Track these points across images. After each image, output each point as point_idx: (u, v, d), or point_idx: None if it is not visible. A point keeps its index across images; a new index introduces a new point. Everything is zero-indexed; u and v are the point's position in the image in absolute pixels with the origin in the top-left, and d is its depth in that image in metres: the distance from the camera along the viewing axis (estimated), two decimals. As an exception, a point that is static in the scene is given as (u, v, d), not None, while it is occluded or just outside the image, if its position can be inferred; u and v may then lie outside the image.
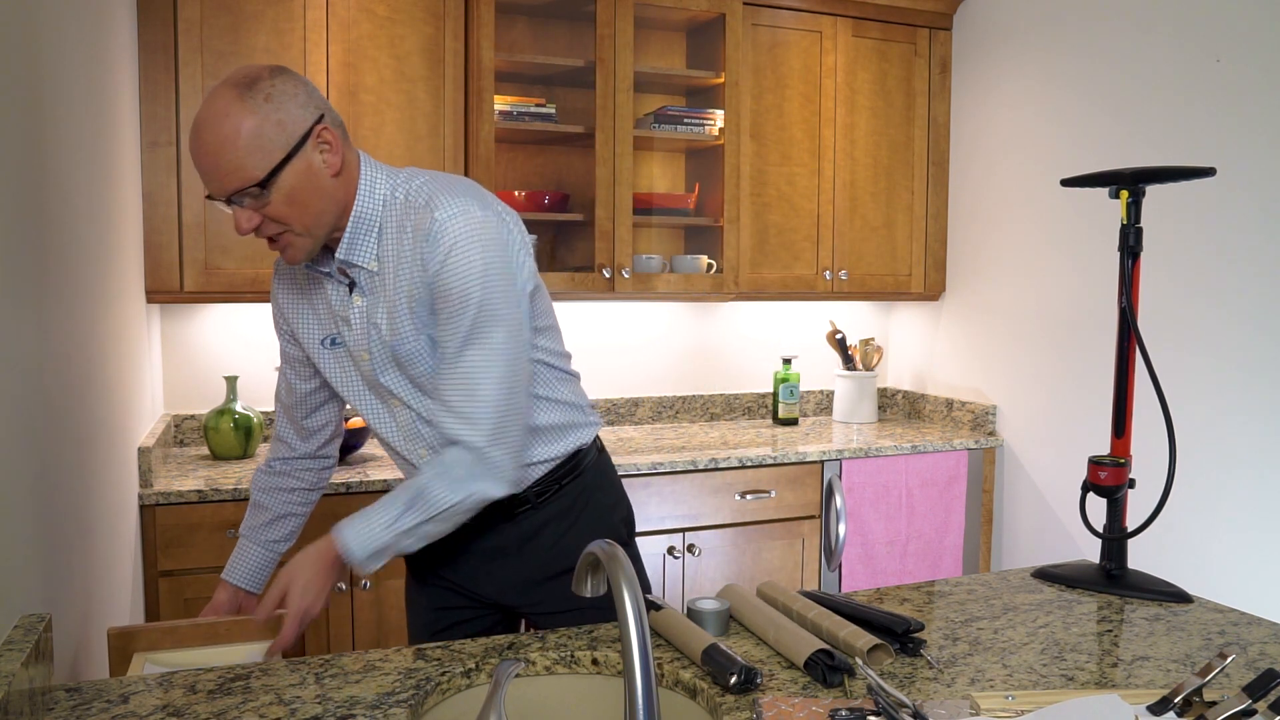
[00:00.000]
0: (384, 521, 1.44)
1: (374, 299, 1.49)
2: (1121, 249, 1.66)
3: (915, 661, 1.31)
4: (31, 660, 1.10)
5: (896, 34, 3.43)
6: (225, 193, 1.37)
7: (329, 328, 1.57)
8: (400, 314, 1.47)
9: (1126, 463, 1.66)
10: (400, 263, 1.45)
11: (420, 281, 1.44)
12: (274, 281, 1.64)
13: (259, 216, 1.39)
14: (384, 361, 1.52)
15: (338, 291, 1.53)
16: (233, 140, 1.33)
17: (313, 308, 1.58)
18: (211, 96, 1.36)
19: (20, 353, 1.25)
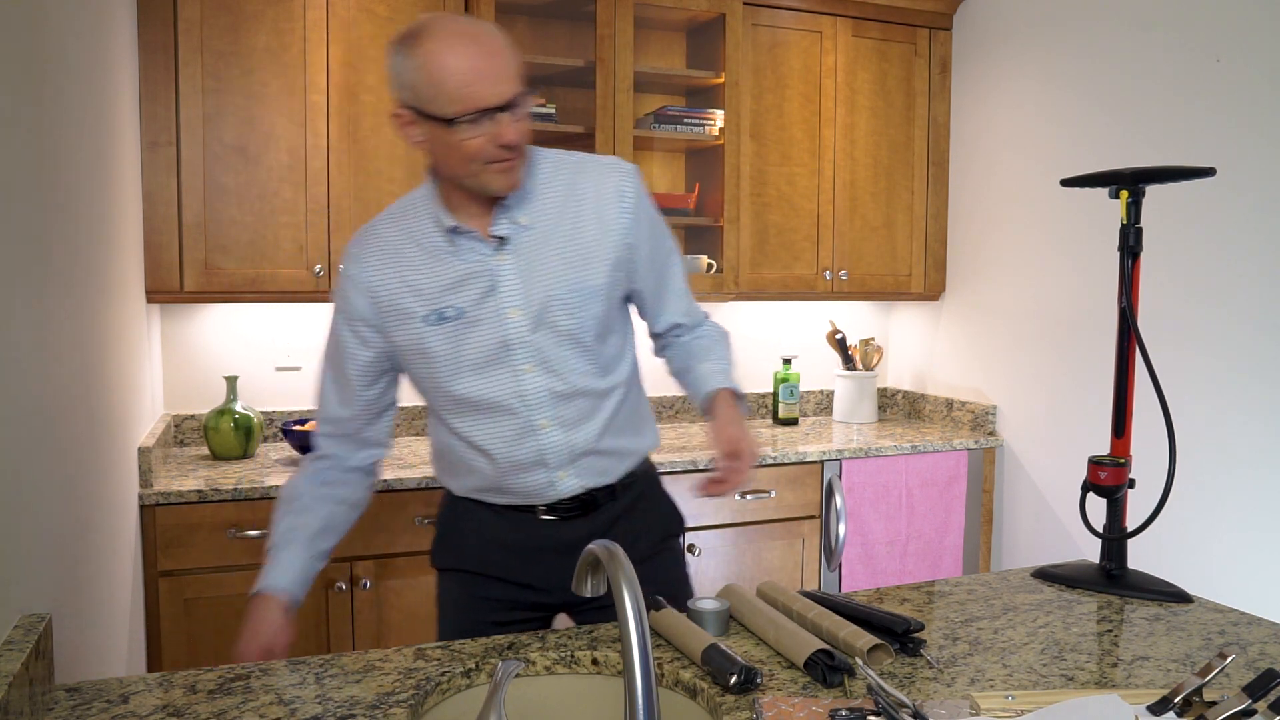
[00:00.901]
0: (724, 364, 1.65)
1: (525, 256, 1.50)
2: (1121, 249, 1.66)
3: (915, 661, 1.31)
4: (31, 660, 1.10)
5: (896, 34, 3.43)
6: (510, 95, 1.38)
7: (442, 301, 1.51)
8: (579, 262, 1.52)
9: (1126, 463, 1.66)
10: (577, 218, 1.53)
11: (611, 227, 1.54)
12: (351, 281, 1.55)
13: (515, 131, 1.41)
14: (534, 318, 1.50)
15: (477, 252, 1.50)
16: (507, 47, 1.40)
17: (414, 289, 1.51)
18: (452, 19, 1.39)
19: (20, 353, 1.25)
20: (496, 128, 1.39)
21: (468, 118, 1.37)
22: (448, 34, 1.36)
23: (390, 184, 2.84)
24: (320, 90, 2.75)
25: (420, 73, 1.37)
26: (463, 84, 1.35)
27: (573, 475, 1.57)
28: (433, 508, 2.61)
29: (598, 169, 1.56)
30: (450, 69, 1.35)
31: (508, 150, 1.41)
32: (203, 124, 2.66)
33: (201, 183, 2.67)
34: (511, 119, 1.39)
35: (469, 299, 1.50)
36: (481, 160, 1.41)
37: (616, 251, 1.54)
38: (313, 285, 2.78)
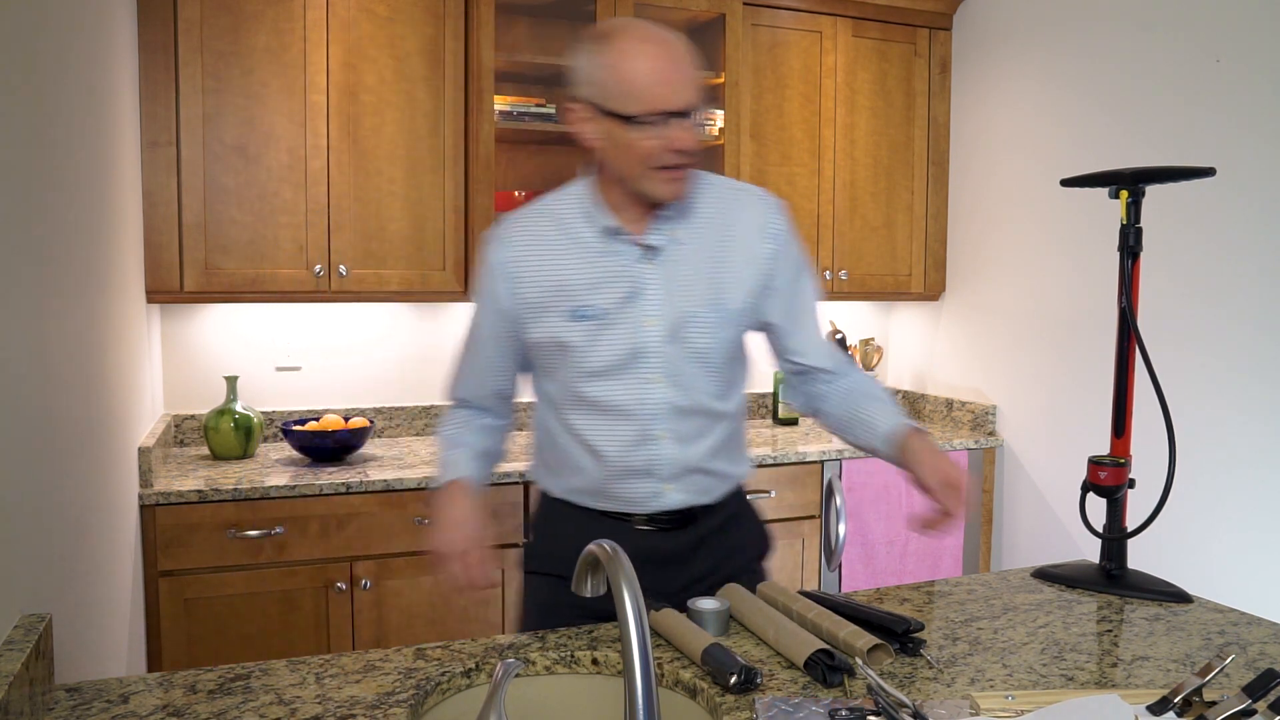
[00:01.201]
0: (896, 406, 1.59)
1: (672, 268, 1.52)
2: (1121, 249, 1.66)
3: (915, 661, 1.31)
4: (31, 660, 1.10)
5: (896, 34, 3.43)
6: (690, 102, 1.42)
7: (585, 299, 1.51)
8: (722, 284, 1.54)
9: (1126, 463, 1.66)
10: (725, 242, 1.55)
11: (752, 258, 1.56)
12: (494, 269, 1.56)
13: (691, 139, 1.44)
14: (670, 330, 1.52)
15: (626, 256, 1.52)
16: (691, 57, 1.44)
17: (558, 283, 1.52)
18: (644, 25, 1.44)
19: (20, 353, 1.25)
20: (672, 132, 1.42)
21: (649, 118, 1.41)
22: (639, 37, 1.42)
23: (390, 184, 2.84)
24: (320, 90, 2.75)
25: (608, 70, 1.42)
26: (649, 85, 1.40)
27: (677, 490, 1.58)
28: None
29: (750, 198, 1.60)
30: (639, 69, 1.40)
31: (679, 156, 1.44)
32: (203, 124, 2.66)
33: (201, 183, 2.67)
34: (687, 126, 1.43)
35: (611, 301, 1.51)
36: (653, 163, 1.44)
37: (757, 280, 1.57)
38: (313, 285, 2.78)
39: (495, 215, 2.94)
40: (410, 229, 2.88)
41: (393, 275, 2.86)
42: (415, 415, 3.21)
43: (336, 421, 2.83)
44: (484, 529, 1.52)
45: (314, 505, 2.51)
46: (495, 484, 2.66)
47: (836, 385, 1.63)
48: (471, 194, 2.90)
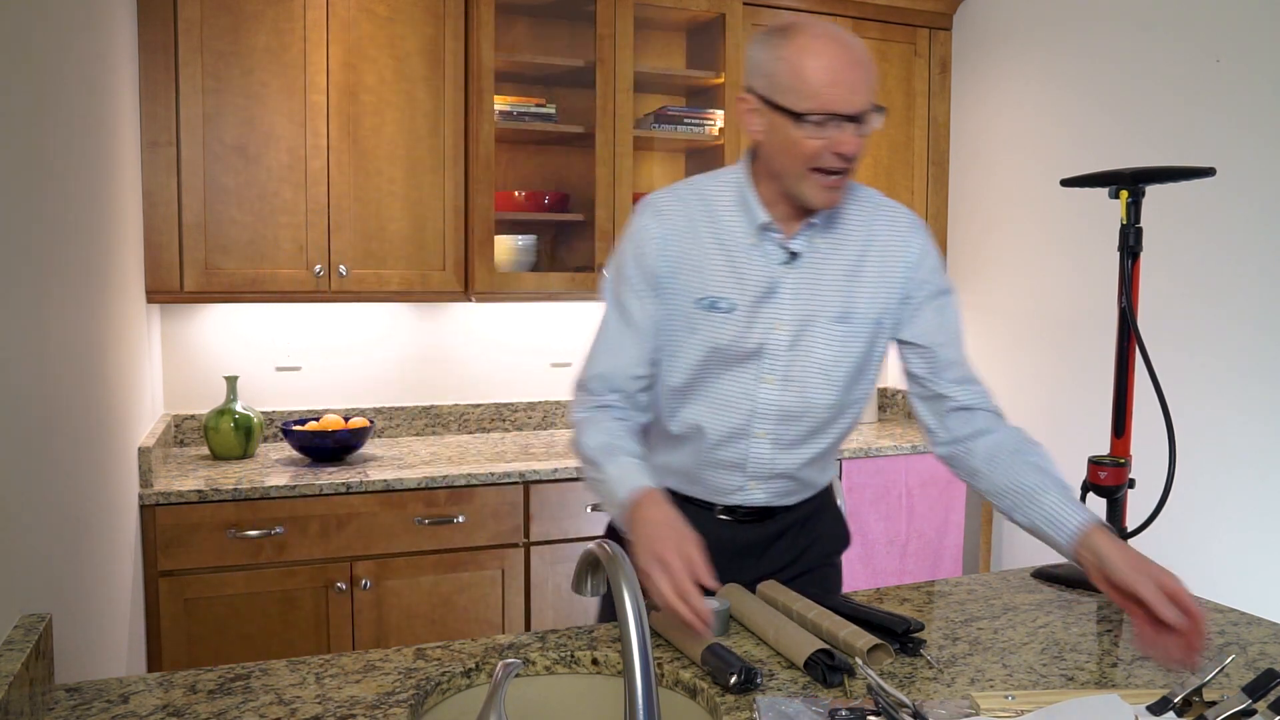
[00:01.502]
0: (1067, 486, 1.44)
1: (808, 275, 1.51)
2: (1121, 249, 1.66)
3: (915, 661, 1.31)
4: (31, 660, 1.10)
5: (896, 34, 3.43)
6: (861, 108, 1.39)
7: (721, 289, 1.51)
8: (853, 298, 1.52)
9: (1126, 463, 1.66)
10: (863, 257, 1.52)
11: (887, 278, 1.53)
12: (656, 230, 1.53)
13: (856, 145, 1.41)
14: (795, 335, 1.51)
15: (770, 256, 1.50)
16: (870, 63, 1.41)
17: (699, 269, 1.51)
18: (826, 24, 1.41)
19: (20, 353, 1.25)
20: (839, 135, 1.39)
21: (816, 118, 1.38)
22: (820, 35, 1.39)
23: (390, 184, 2.84)
24: (320, 90, 2.75)
25: (784, 64, 1.40)
26: (822, 84, 1.37)
27: (762, 489, 1.60)
28: (433, 508, 2.61)
29: (892, 214, 1.57)
30: (814, 67, 1.38)
31: (840, 161, 1.41)
32: (203, 124, 2.66)
33: (201, 183, 2.67)
34: (854, 132, 1.40)
35: (746, 297, 1.50)
36: (813, 164, 1.41)
37: (890, 298, 1.54)
38: (313, 285, 2.78)
39: (495, 215, 2.95)
40: (410, 229, 2.88)
41: (393, 275, 2.86)
42: (415, 415, 3.21)
43: (336, 421, 2.83)
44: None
45: (314, 505, 2.51)
46: (495, 484, 2.67)
47: (987, 440, 1.52)
48: (471, 194, 2.90)
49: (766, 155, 1.48)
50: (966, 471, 1.55)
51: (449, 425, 3.25)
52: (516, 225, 3.18)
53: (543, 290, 3.01)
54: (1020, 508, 1.43)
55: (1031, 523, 1.42)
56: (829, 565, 1.71)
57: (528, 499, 2.71)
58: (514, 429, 3.32)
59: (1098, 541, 1.31)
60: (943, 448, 1.58)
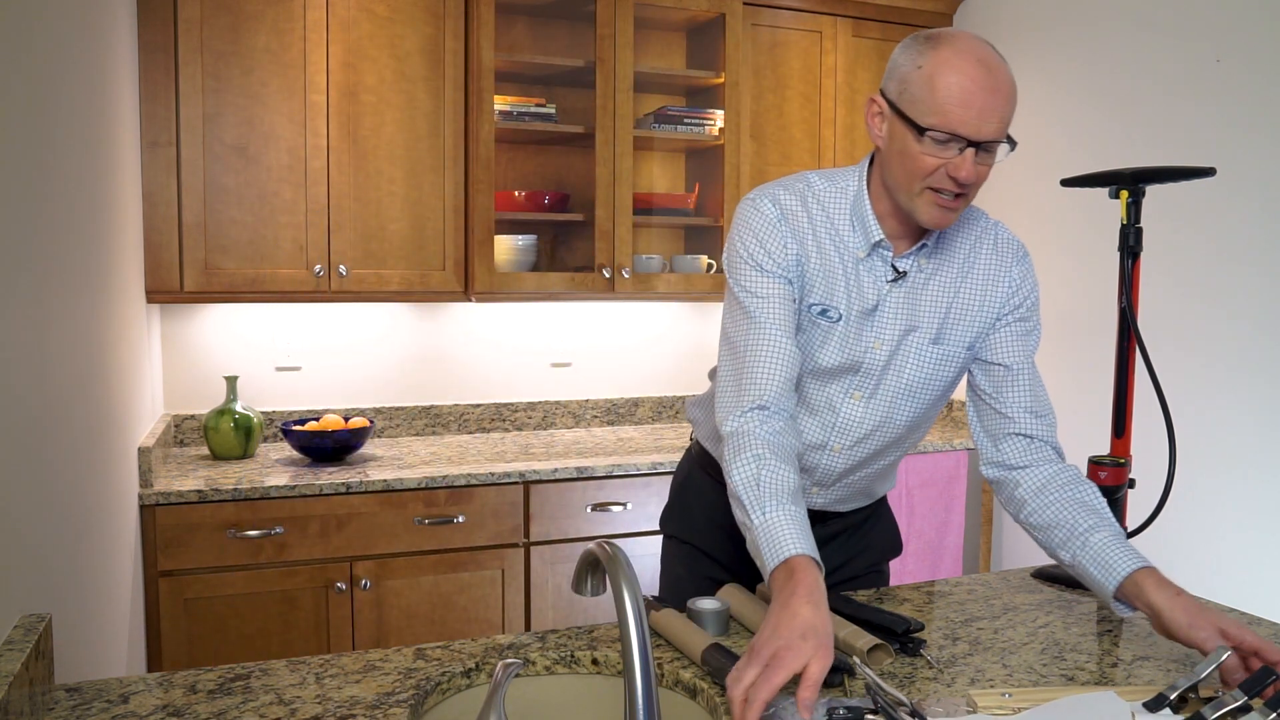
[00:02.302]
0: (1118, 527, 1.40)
1: (912, 296, 1.48)
2: (1121, 249, 1.66)
3: (915, 661, 1.31)
4: (31, 660, 1.10)
5: (896, 34, 3.43)
6: (993, 135, 1.33)
7: (828, 299, 1.48)
8: (950, 324, 1.50)
9: (1126, 463, 1.66)
10: (965, 281, 1.50)
11: (985, 304, 1.50)
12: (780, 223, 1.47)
13: (977, 173, 1.36)
14: (890, 355, 1.49)
15: (878, 273, 1.48)
16: (1012, 93, 1.34)
17: (814, 272, 1.48)
18: (978, 42, 1.34)
19: (20, 353, 1.25)
20: (959, 159, 1.34)
21: (939, 135, 1.33)
22: (967, 52, 1.32)
23: (390, 184, 2.85)
24: (320, 90, 2.75)
25: (920, 74, 1.34)
26: (953, 103, 1.32)
27: (823, 495, 1.62)
28: (433, 508, 2.61)
29: (998, 242, 1.53)
30: (950, 83, 1.31)
31: (956, 185, 1.36)
32: (203, 124, 2.66)
33: (201, 183, 2.67)
34: (976, 159, 1.35)
35: (852, 310, 1.48)
36: (926, 184, 1.37)
37: (984, 324, 1.52)
38: (313, 285, 2.78)
39: (495, 215, 2.95)
40: (410, 229, 2.88)
41: (393, 275, 2.86)
42: (415, 415, 3.21)
43: (336, 421, 2.83)
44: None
45: (314, 505, 2.51)
46: (495, 484, 2.67)
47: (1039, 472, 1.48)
48: (471, 194, 2.90)
49: (883, 163, 1.44)
50: (1013, 502, 1.51)
51: (449, 425, 3.25)
52: (516, 225, 3.18)
53: (543, 290, 3.01)
54: (1066, 545, 1.39)
55: (1076, 561, 1.38)
56: (877, 571, 1.74)
57: (528, 499, 2.71)
58: (514, 429, 3.32)
59: (1150, 594, 1.27)
60: (992, 469, 1.54)
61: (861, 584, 1.71)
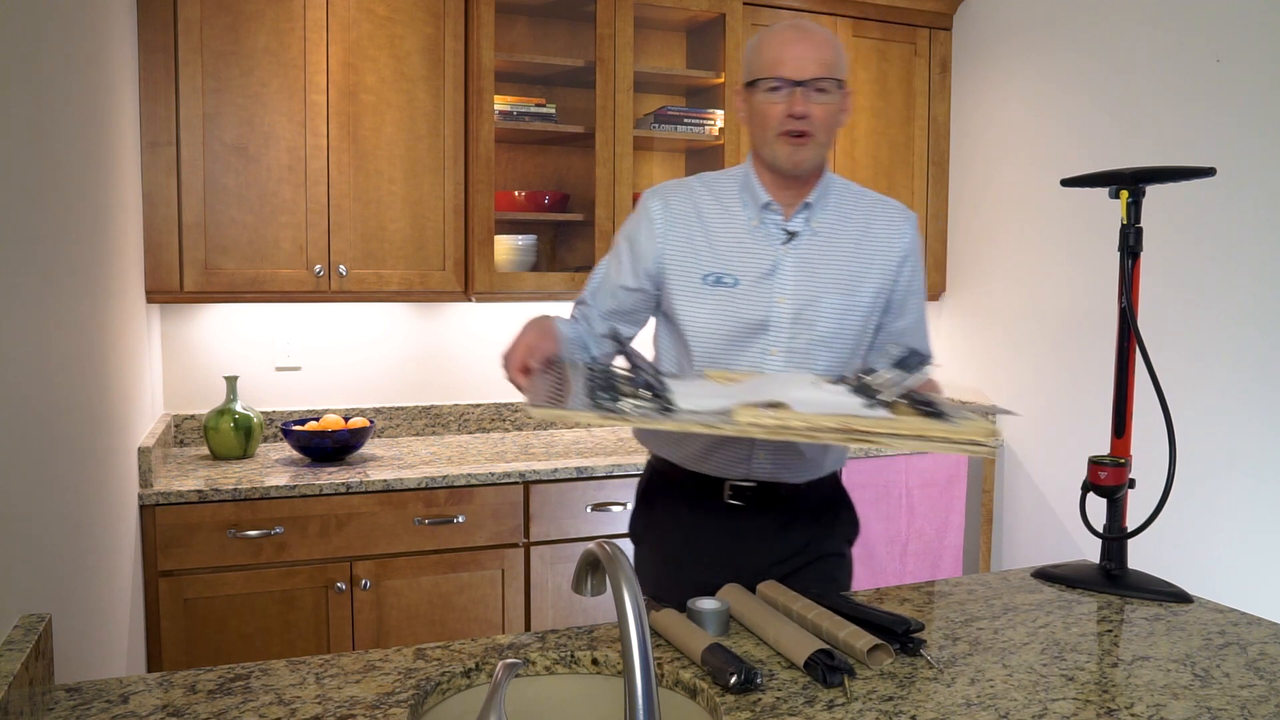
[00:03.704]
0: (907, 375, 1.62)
1: (808, 255, 1.66)
2: (1121, 249, 1.66)
3: (915, 661, 1.31)
4: (31, 660, 1.10)
5: (896, 34, 3.43)
6: (811, 74, 1.56)
7: (726, 266, 1.65)
8: (851, 276, 1.67)
9: (1126, 463, 1.66)
10: (859, 243, 1.69)
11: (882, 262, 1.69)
12: (659, 216, 1.69)
13: (808, 108, 1.57)
14: (796, 310, 1.64)
15: (771, 236, 1.66)
16: (832, 43, 1.61)
17: (710, 248, 1.66)
18: (798, 19, 1.65)
19: (21, 353, 1.25)
20: (791, 98, 1.56)
21: (768, 83, 1.58)
22: (781, 25, 1.62)
23: (390, 184, 2.84)
24: (320, 90, 2.75)
25: (751, 49, 1.64)
26: (772, 56, 1.58)
27: (768, 460, 1.69)
28: (433, 508, 2.61)
29: (886, 208, 1.74)
30: (767, 42, 1.61)
31: (796, 122, 1.56)
32: (203, 124, 2.66)
33: (201, 183, 2.67)
34: (807, 95, 1.56)
35: (750, 274, 1.65)
36: (774, 129, 1.59)
37: (885, 279, 1.70)
38: (313, 285, 2.78)
39: (495, 215, 2.95)
40: (410, 229, 2.88)
41: (393, 275, 2.86)
42: (415, 415, 3.21)
43: (336, 421, 2.83)
44: (554, 345, 1.56)
45: (314, 505, 2.51)
46: (495, 484, 2.67)
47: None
48: (471, 194, 2.90)
49: (750, 137, 1.66)
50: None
51: (449, 425, 3.25)
52: (516, 225, 3.18)
53: (543, 290, 3.01)
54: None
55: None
56: (839, 555, 1.79)
57: (528, 499, 2.71)
58: (514, 429, 3.32)
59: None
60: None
61: (825, 567, 1.76)
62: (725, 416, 1.33)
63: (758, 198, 1.67)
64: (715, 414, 1.34)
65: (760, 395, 1.38)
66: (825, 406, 1.36)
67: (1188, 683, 1.26)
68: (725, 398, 1.39)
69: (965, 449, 1.31)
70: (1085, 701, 1.19)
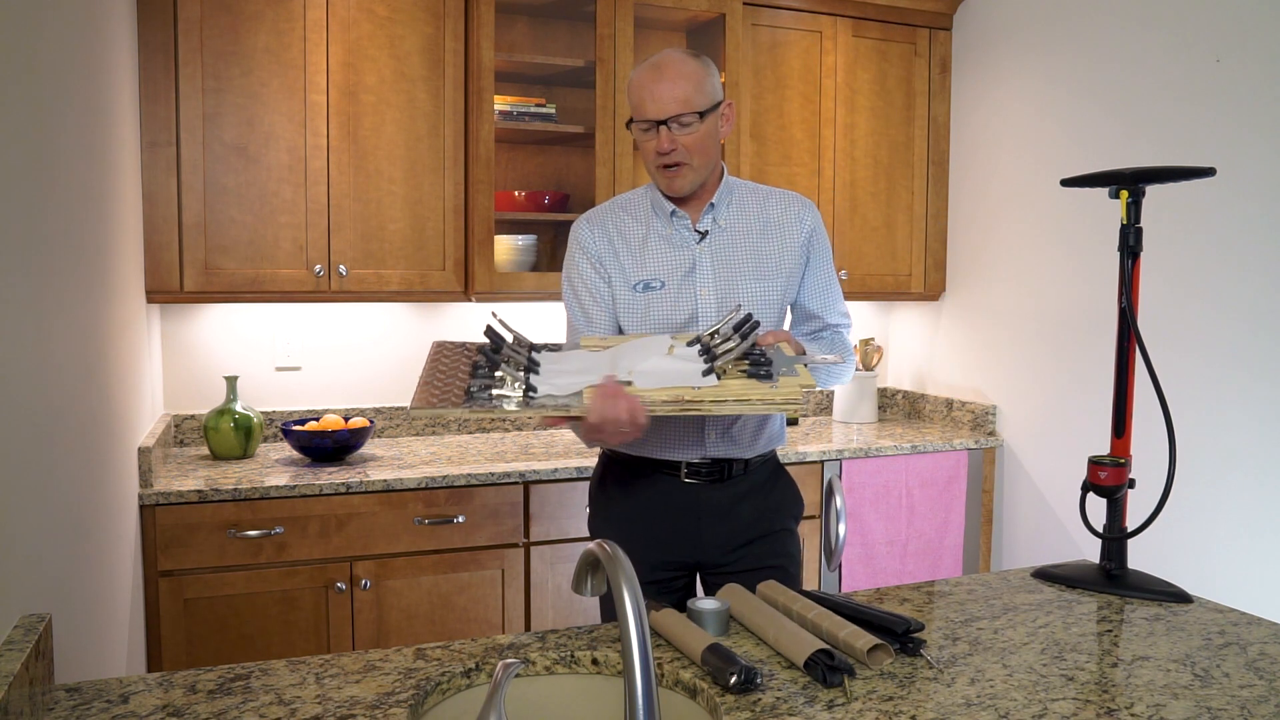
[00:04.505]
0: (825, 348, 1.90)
1: (721, 249, 1.84)
2: (1121, 249, 1.66)
3: (915, 661, 1.31)
4: (31, 660, 1.10)
5: (896, 34, 3.43)
6: (670, 113, 1.73)
7: (649, 273, 1.84)
8: (762, 263, 1.85)
9: (1126, 463, 1.66)
10: (764, 231, 1.87)
11: (790, 245, 1.87)
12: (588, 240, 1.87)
13: (674, 143, 1.75)
14: (719, 300, 1.83)
15: (685, 240, 1.85)
16: (691, 76, 1.75)
17: (635, 258, 1.85)
18: (664, 53, 1.78)
19: (20, 353, 1.25)
20: (657, 137, 1.76)
21: (639, 125, 1.78)
22: (645, 64, 1.78)
23: (390, 184, 2.84)
24: (320, 90, 2.75)
25: (626, 88, 1.83)
26: (636, 99, 1.77)
27: (720, 441, 1.84)
28: (433, 508, 2.61)
29: (785, 199, 1.91)
30: (633, 85, 1.78)
31: (664, 156, 1.76)
32: (203, 124, 2.66)
33: (201, 183, 2.67)
34: (669, 133, 1.74)
35: (673, 276, 1.84)
36: (651, 163, 1.80)
37: (794, 262, 1.88)
38: (313, 285, 2.78)
39: (495, 215, 2.95)
40: (410, 229, 2.88)
41: (393, 275, 2.86)
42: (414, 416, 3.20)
43: (336, 421, 2.83)
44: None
45: (314, 505, 2.51)
46: (495, 484, 2.67)
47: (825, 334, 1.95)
48: (471, 194, 2.90)
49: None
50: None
51: (449, 425, 3.25)
52: (516, 225, 3.18)
53: (543, 290, 3.01)
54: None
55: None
56: (787, 530, 1.92)
57: (528, 499, 2.71)
58: (514, 429, 3.32)
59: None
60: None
61: (776, 541, 1.89)
62: (577, 398, 1.49)
63: (665, 209, 1.85)
64: (569, 397, 1.49)
65: (616, 367, 1.55)
66: (666, 378, 1.51)
67: (1188, 683, 1.26)
68: (585, 373, 1.55)
69: (783, 408, 1.46)
70: (1085, 701, 1.19)
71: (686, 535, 1.86)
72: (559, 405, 1.47)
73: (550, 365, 1.61)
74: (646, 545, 1.85)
